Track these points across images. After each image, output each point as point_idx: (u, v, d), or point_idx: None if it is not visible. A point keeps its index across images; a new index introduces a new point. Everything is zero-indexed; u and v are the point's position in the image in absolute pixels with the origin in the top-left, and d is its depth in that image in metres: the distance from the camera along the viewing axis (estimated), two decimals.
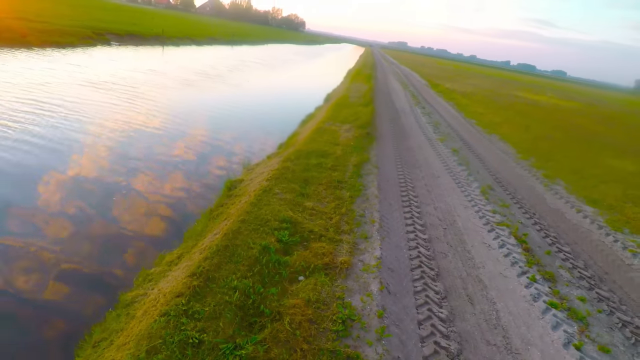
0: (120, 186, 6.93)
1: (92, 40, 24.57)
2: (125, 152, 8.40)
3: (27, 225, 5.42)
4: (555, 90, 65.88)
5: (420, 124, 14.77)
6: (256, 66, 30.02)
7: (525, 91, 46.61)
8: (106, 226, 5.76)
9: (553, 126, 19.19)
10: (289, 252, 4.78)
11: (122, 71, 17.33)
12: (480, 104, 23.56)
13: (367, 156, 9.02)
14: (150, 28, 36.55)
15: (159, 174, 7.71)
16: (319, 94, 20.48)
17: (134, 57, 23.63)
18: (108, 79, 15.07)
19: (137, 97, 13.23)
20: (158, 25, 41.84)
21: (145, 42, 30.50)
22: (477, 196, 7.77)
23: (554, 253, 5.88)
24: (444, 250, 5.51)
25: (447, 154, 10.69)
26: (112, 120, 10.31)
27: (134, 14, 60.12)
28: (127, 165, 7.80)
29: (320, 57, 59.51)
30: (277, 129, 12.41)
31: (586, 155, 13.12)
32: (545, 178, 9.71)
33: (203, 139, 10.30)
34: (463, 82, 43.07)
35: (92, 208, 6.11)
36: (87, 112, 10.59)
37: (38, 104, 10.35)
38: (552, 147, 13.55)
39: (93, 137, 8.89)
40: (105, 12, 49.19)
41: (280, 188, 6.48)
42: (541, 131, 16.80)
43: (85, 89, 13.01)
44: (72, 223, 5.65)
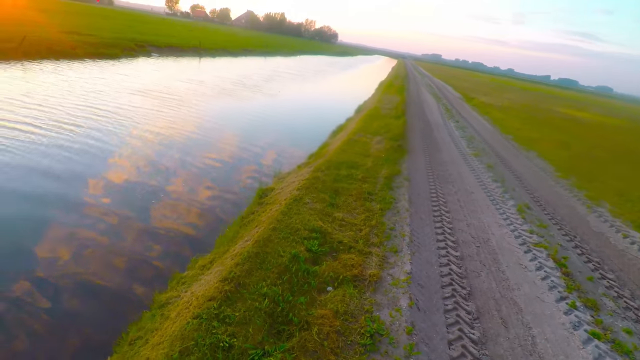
0: (158, 189, 7.24)
1: (134, 52, 26.01)
2: (164, 157, 8.80)
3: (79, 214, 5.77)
4: (599, 106, 62.76)
5: (454, 137, 14.48)
6: (289, 77, 30.65)
7: (566, 107, 44.69)
8: (143, 227, 6.02)
9: (596, 144, 18.26)
10: (318, 261, 4.80)
11: (164, 80, 18.22)
12: (517, 119, 22.82)
13: (398, 169, 8.94)
14: (188, 40, 38.23)
15: (194, 179, 7.99)
16: (350, 105, 20.57)
17: (174, 67, 24.76)
18: (152, 88, 15.89)
19: (178, 104, 13.85)
20: (196, 37, 43.72)
21: (183, 53, 31.92)
22: (512, 214, 7.49)
23: (597, 279, 5.55)
24: (477, 269, 5.34)
25: (482, 170, 10.40)
26: (155, 126, 10.90)
27: (173, 26, 63.18)
28: (165, 170, 8.17)
29: (352, 69, 59.88)
30: (307, 139, 12.56)
31: (632, 177, 12.37)
32: (587, 199, 9.23)
33: (237, 147, 10.60)
34: (499, 96, 41.92)
35: (131, 210, 6.41)
36: (133, 118, 11.26)
37: (94, 110, 11.26)
38: (595, 167, 12.88)
39: (138, 141, 9.40)
40: (146, 25, 52.02)
41: (310, 198, 6.53)
42: (583, 149, 16.03)
43: (132, 97, 13.82)
44: (113, 222, 5.95)
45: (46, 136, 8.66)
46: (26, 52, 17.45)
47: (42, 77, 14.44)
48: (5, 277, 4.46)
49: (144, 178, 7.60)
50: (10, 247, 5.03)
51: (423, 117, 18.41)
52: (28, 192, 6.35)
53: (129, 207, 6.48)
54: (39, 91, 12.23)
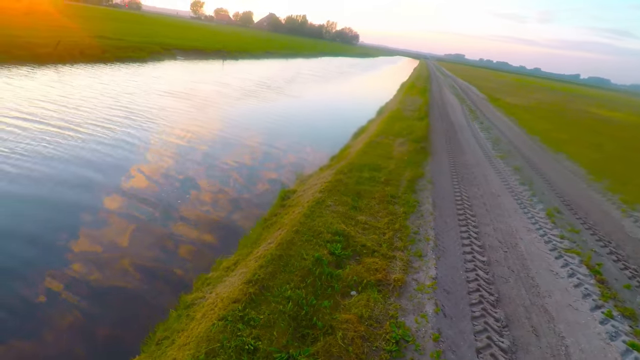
0: (182, 190, 7.40)
1: (161, 55, 26.81)
2: (189, 158, 9.01)
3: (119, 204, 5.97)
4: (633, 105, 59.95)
5: (478, 139, 14.14)
6: (310, 78, 30.77)
7: (597, 107, 42.92)
8: (168, 227, 6.15)
9: (630, 146, 17.43)
10: (342, 265, 4.77)
11: (190, 83, 18.69)
12: (544, 120, 22.08)
13: (421, 171, 8.80)
14: (212, 43, 39.03)
15: (218, 180, 8.13)
16: (371, 107, 20.44)
17: (199, 70, 25.34)
18: (179, 90, 16.32)
19: (203, 106, 14.19)
20: (219, 40, 44.60)
21: (207, 56, 32.62)
22: (542, 219, 7.23)
23: (634, 288, 5.28)
24: (505, 274, 5.17)
25: (508, 172, 10.10)
26: (181, 127, 11.32)
27: (197, 30, 64.67)
28: (190, 171, 8.35)
29: (374, 70, 59.57)
30: (329, 141, 12.55)
31: None
32: (622, 203, 8.81)
33: (260, 148, 10.72)
34: (525, 96, 40.71)
35: (157, 210, 6.56)
36: (162, 118, 11.76)
37: (126, 111, 11.84)
38: (630, 169, 12.29)
39: (165, 142, 9.73)
40: (172, 29, 53.48)
41: (332, 200, 6.51)
42: (616, 151, 15.33)
43: (161, 98, 14.32)
44: (140, 220, 6.11)
45: (84, 135, 9.21)
46: (61, 56, 18.34)
47: (77, 81, 15.23)
48: (36, 270, 4.65)
49: (170, 179, 7.79)
50: (41, 240, 5.26)
51: (446, 118, 18.08)
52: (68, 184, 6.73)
53: (155, 206, 6.65)
54: (75, 94, 12.91)
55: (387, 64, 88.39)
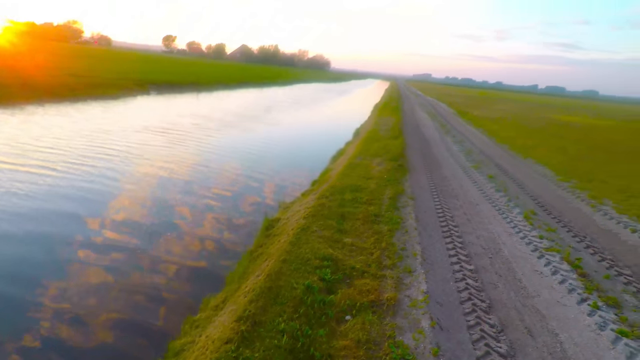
0: (162, 228, 7.24)
1: (133, 91, 26.75)
2: (169, 193, 8.87)
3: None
4: (588, 109, 63.69)
5: (452, 152, 14.62)
6: (286, 106, 31.24)
7: (557, 113, 45.38)
8: (148, 271, 5.97)
9: (591, 146, 18.43)
10: (333, 290, 4.75)
11: (166, 117, 18.62)
12: (511, 129, 23.13)
13: (401, 188, 8.99)
14: (185, 76, 39.28)
15: (200, 216, 8.01)
16: (348, 129, 20.88)
17: (174, 104, 25.31)
18: (155, 125, 16.17)
19: (181, 139, 14.07)
20: (193, 73, 44.98)
21: (181, 90, 32.72)
22: (520, 222, 7.48)
23: (613, 277, 5.49)
24: (493, 280, 5.27)
25: (484, 181, 10.45)
26: (161, 161, 11.24)
27: (170, 64, 65.03)
28: (170, 206, 8.21)
29: (347, 94, 61.13)
30: (309, 166, 12.68)
31: (631, 173, 12.43)
32: (591, 199, 9.24)
33: (241, 178, 10.71)
34: (491, 108, 42.64)
35: (137, 250, 6.38)
36: (140, 155, 11.59)
37: (102, 149, 11.74)
38: (593, 167, 12.96)
39: (145, 178, 9.60)
40: (144, 64, 53.59)
41: (317, 225, 6.53)
42: (579, 152, 16.17)
43: (137, 135, 14.11)
44: (118, 265, 5.91)
45: (61, 177, 9.01)
46: (28, 96, 18.07)
47: (48, 121, 14.97)
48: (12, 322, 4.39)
49: (149, 217, 7.62)
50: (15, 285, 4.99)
51: (420, 135, 18.66)
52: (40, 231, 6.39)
53: (134, 247, 6.46)
54: (46, 134, 12.70)
55: (359, 87, 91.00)
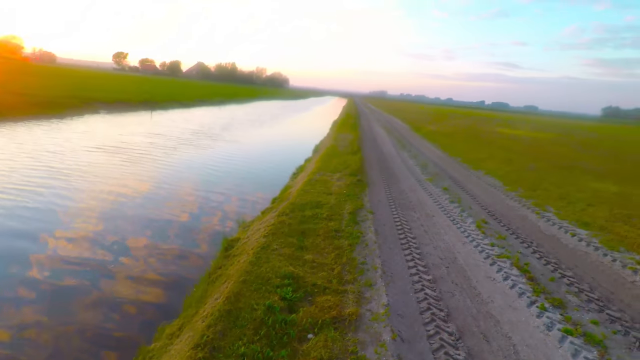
0: (116, 253, 6.81)
1: (80, 110, 25.28)
2: (124, 215, 8.39)
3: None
4: (529, 123, 68.91)
5: (408, 166, 15.15)
6: (246, 123, 30.94)
7: (503, 127, 48.66)
8: (99, 297, 5.58)
9: (534, 157, 19.87)
10: (294, 309, 4.67)
11: (118, 136, 17.65)
12: (462, 143, 24.43)
13: (361, 203, 9.13)
14: (138, 94, 37.84)
15: (155, 238, 7.63)
16: (307, 146, 21.04)
17: (126, 122, 24.13)
18: (107, 144, 15.31)
19: (136, 158, 13.41)
20: (146, 91, 43.47)
21: (134, 108, 31.41)
22: (473, 231, 7.83)
23: (557, 279, 5.86)
24: (450, 289, 5.44)
25: (439, 193, 10.88)
26: (113, 182, 10.57)
27: (122, 81, 62.58)
28: (124, 230, 7.76)
29: (306, 110, 61.82)
30: (269, 183, 12.58)
31: (570, 181, 13.50)
32: (535, 207, 9.89)
33: (199, 197, 10.38)
34: (443, 123, 44.90)
35: (84, 278, 5.94)
36: (92, 174, 10.81)
37: (51, 170, 10.61)
38: (537, 177, 13.93)
39: (95, 199, 8.98)
40: (92, 81, 51.16)
41: (278, 243, 6.45)
42: (524, 163, 17.36)
43: (89, 154, 13.20)
44: (65, 292, 5.46)
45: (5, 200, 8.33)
46: None
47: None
48: None
49: (101, 242, 7.14)
50: None
51: (378, 150, 19.18)
52: None
53: (83, 275, 6.01)
54: None
55: (318, 104, 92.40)
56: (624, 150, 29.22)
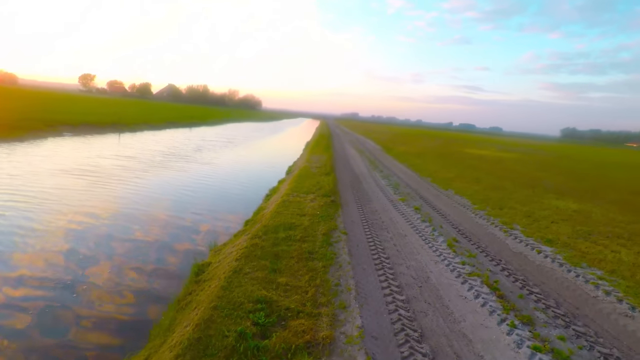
0: (81, 280, 6.43)
1: (44, 132, 24.20)
2: (90, 240, 7.97)
3: None
4: (495, 144, 72.17)
5: (381, 186, 15.39)
6: (218, 145, 30.62)
7: (471, 147, 50.67)
8: (64, 331, 5.21)
9: (500, 176, 20.72)
10: (267, 334, 4.54)
11: (84, 159, 16.96)
12: (432, 163, 25.18)
13: (334, 223, 9.15)
14: (105, 116, 36.77)
15: (122, 263, 7.28)
16: (280, 167, 21.02)
17: (93, 145, 23.26)
18: (72, 167, 14.65)
19: (103, 182, 12.88)
20: (114, 113, 42.33)
21: (100, 131, 30.42)
22: (444, 250, 7.98)
23: (526, 296, 6.04)
24: (423, 309, 5.48)
25: (410, 213, 11.08)
26: (78, 206, 10.04)
27: (88, 103, 60.79)
28: (91, 255, 7.37)
29: (279, 132, 62.03)
30: (242, 205, 12.39)
31: (533, 199, 14.13)
32: (503, 224, 10.25)
33: (169, 221, 10.04)
34: (414, 144, 46.24)
35: (47, 307, 5.55)
36: (55, 198, 10.16)
37: (11, 194, 9.91)
38: (503, 196, 14.50)
39: (60, 224, 8.45)
40: (57, 103, 49.39)
41: (250, 267, 6.32)
42: (491, 182, 18.05)
43: (53, 178, 12.54)
44: (23, 326, 5.06)
45: None
46: None
47: None
48: None
49: (65, 268, 6.73)
50: None
51: (351, 171, 19.43)
52: None
53: (44, 302, 5.61)
54: None
55: (291, 125, 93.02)
56: (581, 169, 31.05)
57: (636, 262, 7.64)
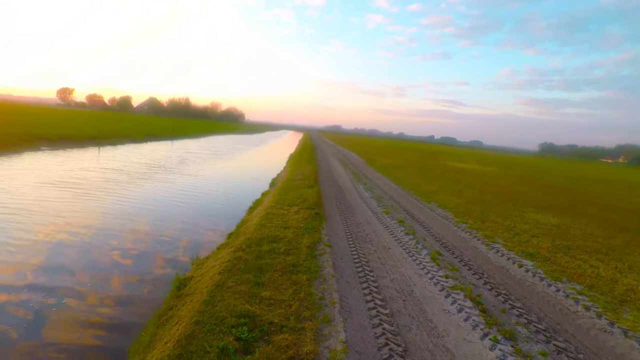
0: (55, 294, 6.17)
1: (18, 147, 23.45)
2: (66, 254, 7.66)
3: None
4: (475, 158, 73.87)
5: (364, 199, 15.48)
6: (200, 158, 30.28)
7: (452, 160, 51.68)
8: (36, 342, 4.97)
9: (481, 190, 21.15)
10: (250, 349, 4.45)
11: (62, 172, 16.46)
12: (415, 176, 25.53)
13: (318, 236, 9.11)
14: (84, 130, 35.97)
15: (100, 278, 7.03)
16: (264, 180, 20.91)
17: (72, 159, 22.68)
18: (49, 181, 14.17)
19: (81, 195, 12.48)
20: (93, 126, 41.43)
21: (79, 144, 29.70)
22: (428, 263, 8.04)
23: (508, 310, 6.11)
24: (407, 323, 5.48)
25: (394, 225, 11.16)
26: (53, 221, 9.54)
27: (66, 116, 59.38)
28: (67, 269, 7.08)
29: (262, 144, 61.87)
30: (225, 218, 12.23)
31: (514, 213, 14.45)
32: (485, 238, 10.42)
33: (150, 234, 9.79)
34: (396, 156, 46.83)
35: (17, 325, 5.29)
36: (26, 213, 9.71)
37: None
38: (485, 209, 14.79)
39: (29, 239, 8.05)
40: (34, 117, 48.04)
41: (233, 280, 6.21)
42: (472, 195, 18.40)
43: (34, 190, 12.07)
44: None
45: None
46: None
47: None
48: None
49: (39, 284, 6.44)
50: None
51: (334, 183, 19.49)
52: None
53: (16, 320, 5.34)
54: None
55: (274, 138, 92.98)
56: (559, 183, 32.05)
57: (614, 277, 7.87)
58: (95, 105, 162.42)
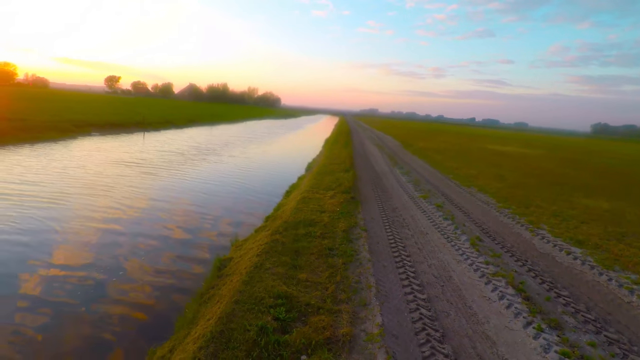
0: (108, 271, 6.67)
1: (73, 133, 25.18)
2: (117, 233, 8.25)
3: None
4: (519, 140, 70.05)
5: (401, 183, 15.21)
6: (239, 142, 31.02)
7: (494, 143, 49.37)
8: (90, 318, 5.43)
9: (525, 173, 20.10)
10: (288, 329, 4.58)
11: (111, 157, 17.55)
12: (454, 159, 24.67)
13: (354, 220, 9.10)
14: (130, 116, 37.83)
15: (148, 257, 7.51)
16: (300, 164, 21.08)
17: (119, 144, 24.06)
18: (93, 165, 15.19)
19: (127, 182, 13.30)
20: (138, 113, 43.47)
21: (126, 130, 31.36)
22: (467, 249, 7.82)
23: (553, 298, 5.83)
24: (445, 309, 5.39)
25: (432, 210, 10.91)
26: (112, 201, 10.29)
27: (113, 104, 62.68)
28: (117, 248, 7.69)
29: (299, 128, 62.21)
30: (262, 201, 12.52)
31: (561, 198, 13.63)
32: (529, 224, 9.94)
33: (190, 217, 10.27)
34: (435, 140, 45.43)
35: (77, 297, 5.79)
36: (87, 196, 10.52)
37: (51, 193, 10.31)
38: (529, 194, 14.06)
39: (91, 218, 8.75)
40: (85, 105, 51.13)
41: (271, 262, 6.37)
42: (515, 179, 17.53)
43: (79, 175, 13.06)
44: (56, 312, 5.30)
45: None
46: None
47: None
48: None
49: (94, 260, 7.07)
50: None
51: (370, 167, 19.28)
52: None
53: (74, 294, 5.86)
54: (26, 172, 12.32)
55: (310, 122, 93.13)
56: (611, 166, 29.76)
57: None
58: (139, 92, 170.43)
